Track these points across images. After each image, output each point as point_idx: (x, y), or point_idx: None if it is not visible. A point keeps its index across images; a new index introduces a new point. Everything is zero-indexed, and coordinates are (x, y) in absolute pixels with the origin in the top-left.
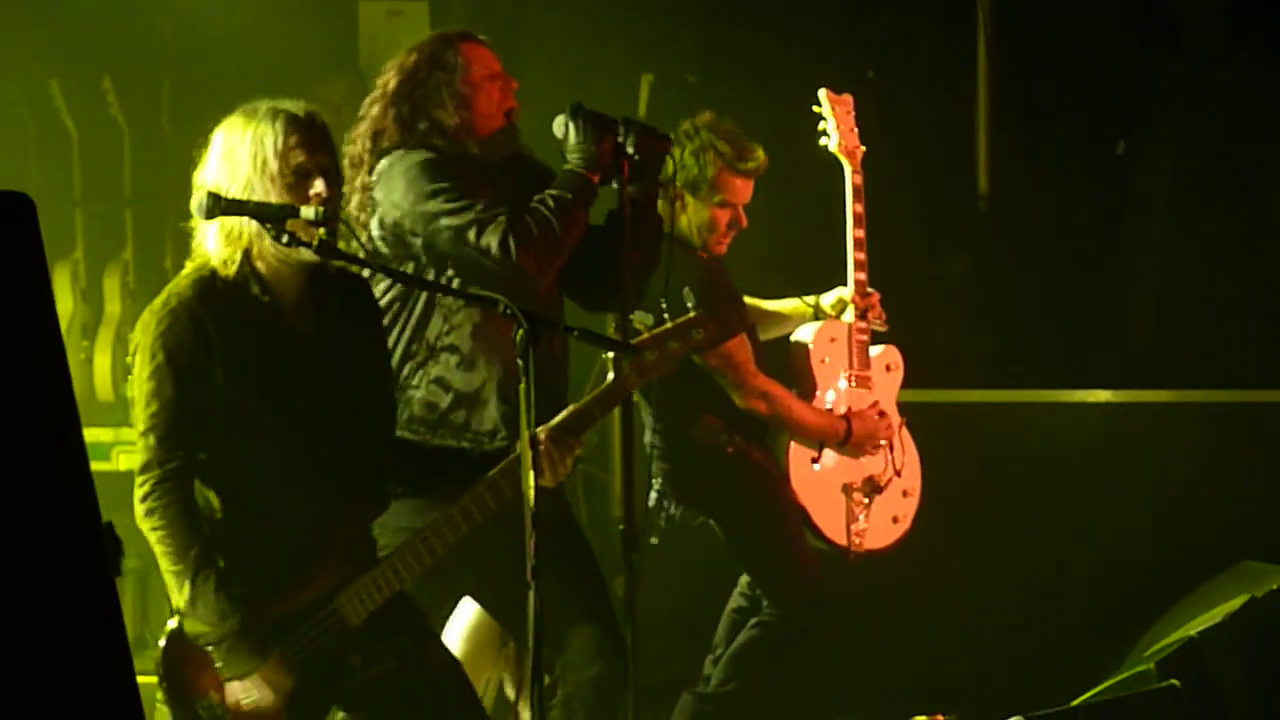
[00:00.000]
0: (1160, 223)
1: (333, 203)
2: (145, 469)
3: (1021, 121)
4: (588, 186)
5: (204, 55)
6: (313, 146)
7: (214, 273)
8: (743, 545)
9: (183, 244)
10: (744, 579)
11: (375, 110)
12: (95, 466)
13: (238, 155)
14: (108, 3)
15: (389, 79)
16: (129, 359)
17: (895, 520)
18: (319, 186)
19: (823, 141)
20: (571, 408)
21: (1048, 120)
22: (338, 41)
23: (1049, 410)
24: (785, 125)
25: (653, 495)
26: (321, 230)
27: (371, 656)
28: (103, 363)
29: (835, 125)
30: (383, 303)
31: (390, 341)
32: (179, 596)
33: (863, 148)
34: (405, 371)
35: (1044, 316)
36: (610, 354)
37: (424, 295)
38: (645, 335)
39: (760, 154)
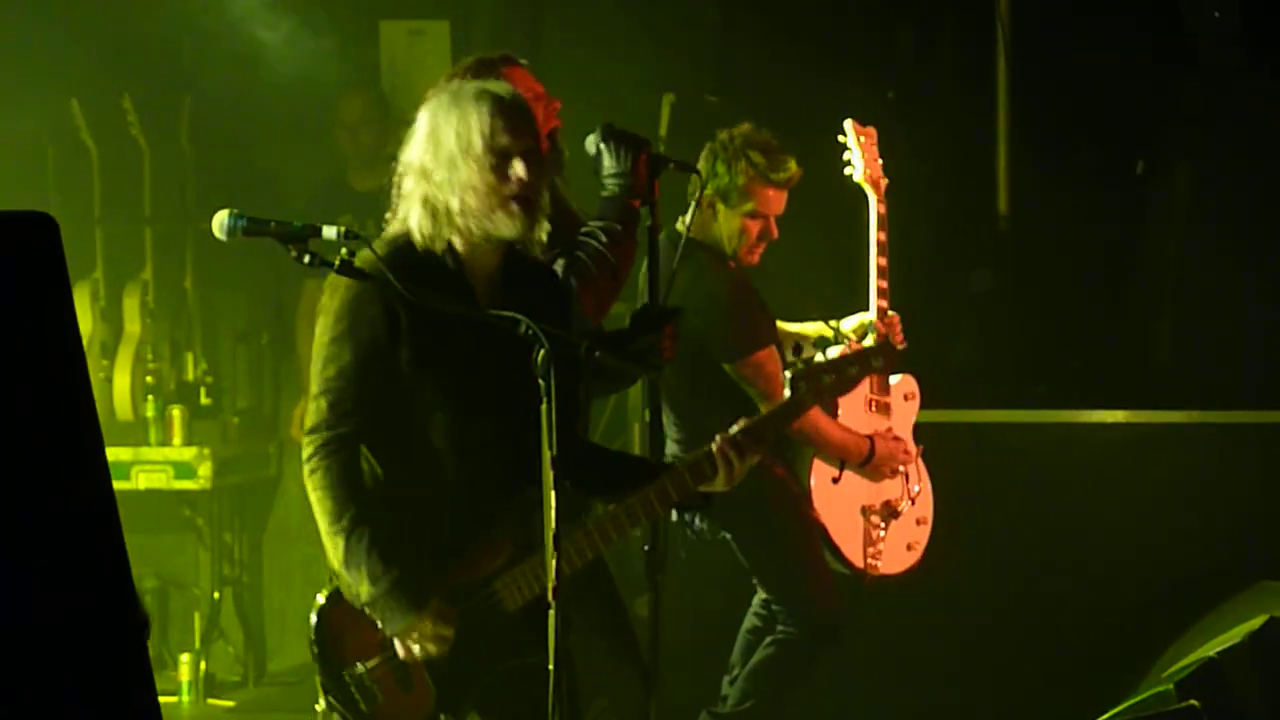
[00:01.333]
0: (1179, 242)
1: (534, 185)
2: (313, 430)
3: (1041, 141)
4: (632, 213)
5: (224, 74)
6: (516, 129)
7: (411, 245)
8: (761, 561)
9: (203, 263)
10: (758, 598)
11: None
12: (115, 486)
13: (442, 134)
14: (128, 22)
15: None
16: (318, 316)
17: (909, 547)
18: (519, 169)
19: (847, 171)
20: (744, 421)
21: (1067, 140)
22: (359, 60)
23: (1067, 430)
24: (806, 145)
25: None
26: (344, 250)
27: (524, 646)
28: (122, 382)
29: (860, 155)
30: None
31: None
32: (335, 557)
33: (886, 179)
34: None
35: (1062, 336)
36: (788, 373)
37: None
38: (827, 359)
39: (793, 165)
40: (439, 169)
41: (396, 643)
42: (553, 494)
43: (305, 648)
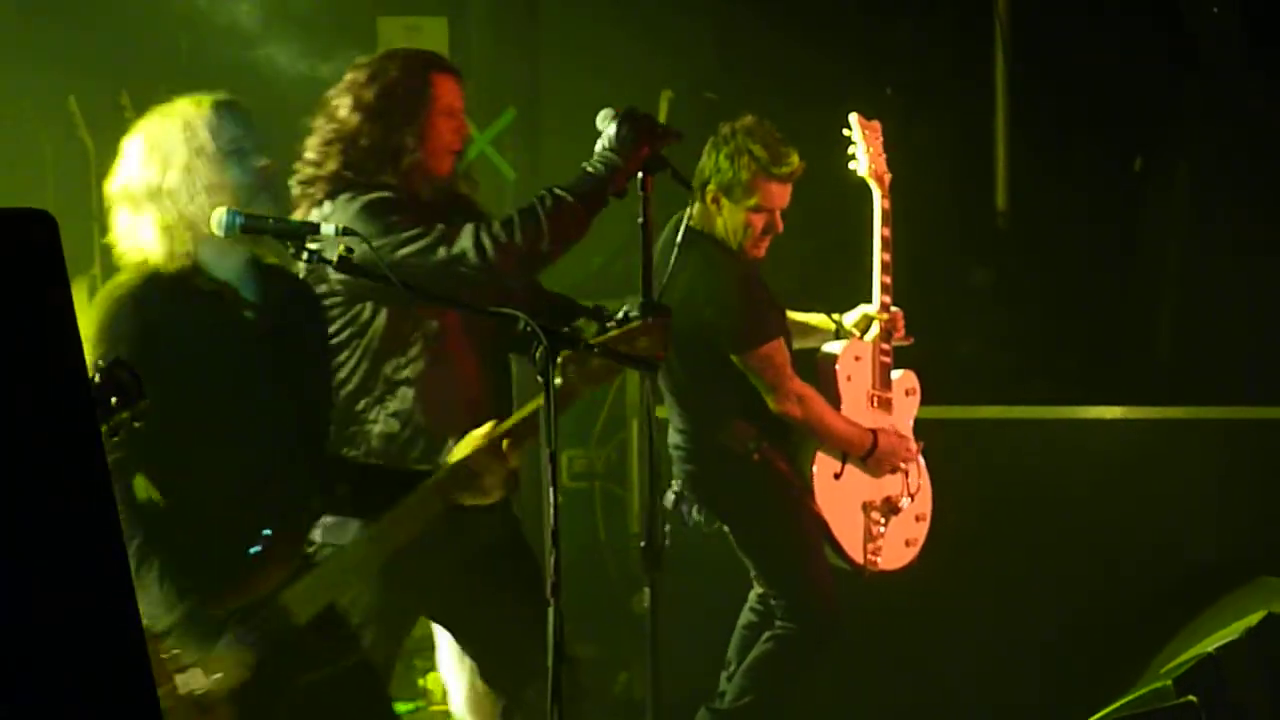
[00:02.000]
0: (1179, 238)
1: (274, 178)
2: None
3: (1040, 137)
4: (597, 192)
5: (222, 72)
6: (244, 124)
7: (158, 271)
8: (761, 556)
9: None
10: (754, 593)
11: (347, 116)
12: None
13: (169, 147)
14: (126, 20)
15: (364, 87)
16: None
17: (908, 544)
18: (260, 161)
19: (851, 165)
20: (516, 416)
21: (1066, 136)
22: (356, 57)
23: (1066, 426)
24: (805, 142)
25: (670, 496)
26: (341, 247)
27: (317, 658)
28: None
29: (865, 150)
30: (340, 338)
31: (344, 374)
32: None
33: (890, 174)
34: (361, 405)
35: (1061, 333)
36: (560, 359)
37: (380, 329)
38: (594, 341)
39: (795, 159)
40: (174, 181)
41: (178, 678)
42: (552, 490)
43: None
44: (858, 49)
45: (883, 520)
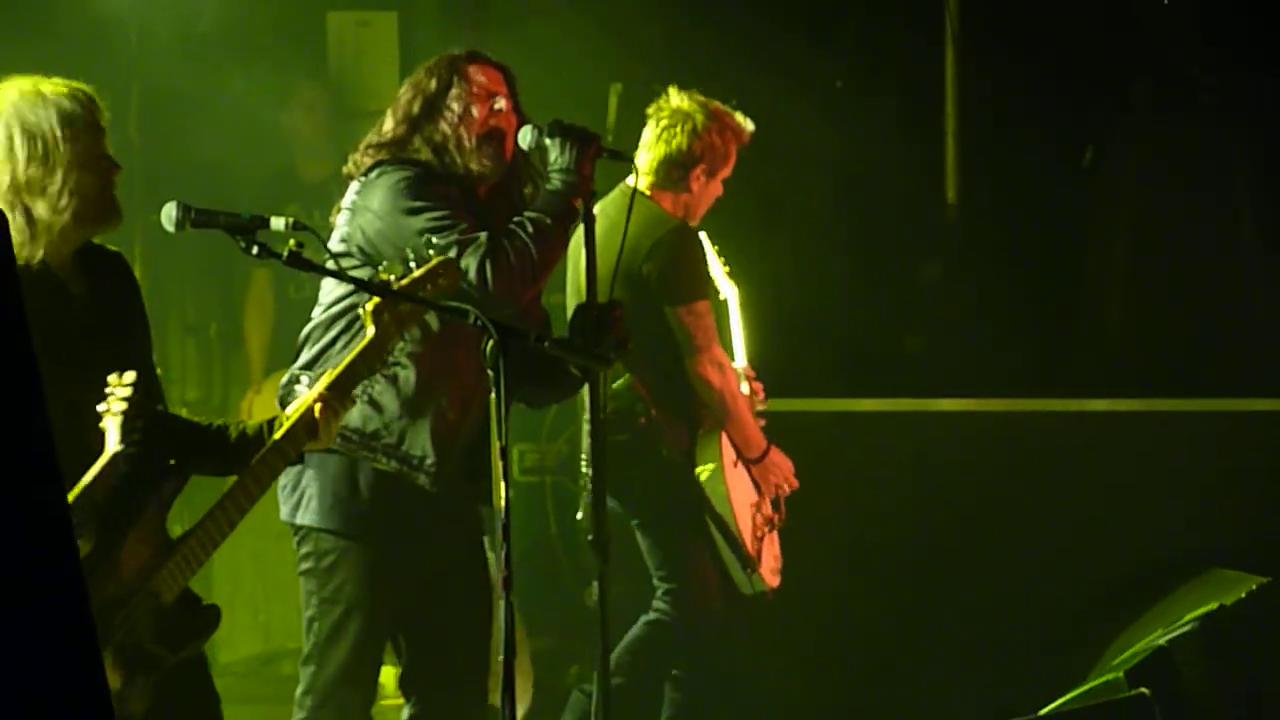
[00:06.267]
0: (1129, 232)
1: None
2: None
3: (990, 130)
4: (569, 211)
5: (172, 65)
6: (102, 127)
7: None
8: (659, 539)
9: (152, 255)
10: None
11: (386, 122)
12: None
13: (47, 141)
14: (74, 10)
15: (400, 94)
16: None
17: (772, 572)
18: (115, 165)
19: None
20: (340, 367)
21: (1016, 129)
22: (306, 51)
23: (1017, 419)
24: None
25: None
26: (292, 241)
27: (185, 635)
28: None
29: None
30: (334, 310)
31: (339, 345)
32: None
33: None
34: None
35: (1011, 325)
36: (369, 307)
37: None
38: (400, 284)
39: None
40: (43, 180)
41: None
42: (504, 484)
43: (255, 640)
44: (806, 42)
45: (765, 528)
